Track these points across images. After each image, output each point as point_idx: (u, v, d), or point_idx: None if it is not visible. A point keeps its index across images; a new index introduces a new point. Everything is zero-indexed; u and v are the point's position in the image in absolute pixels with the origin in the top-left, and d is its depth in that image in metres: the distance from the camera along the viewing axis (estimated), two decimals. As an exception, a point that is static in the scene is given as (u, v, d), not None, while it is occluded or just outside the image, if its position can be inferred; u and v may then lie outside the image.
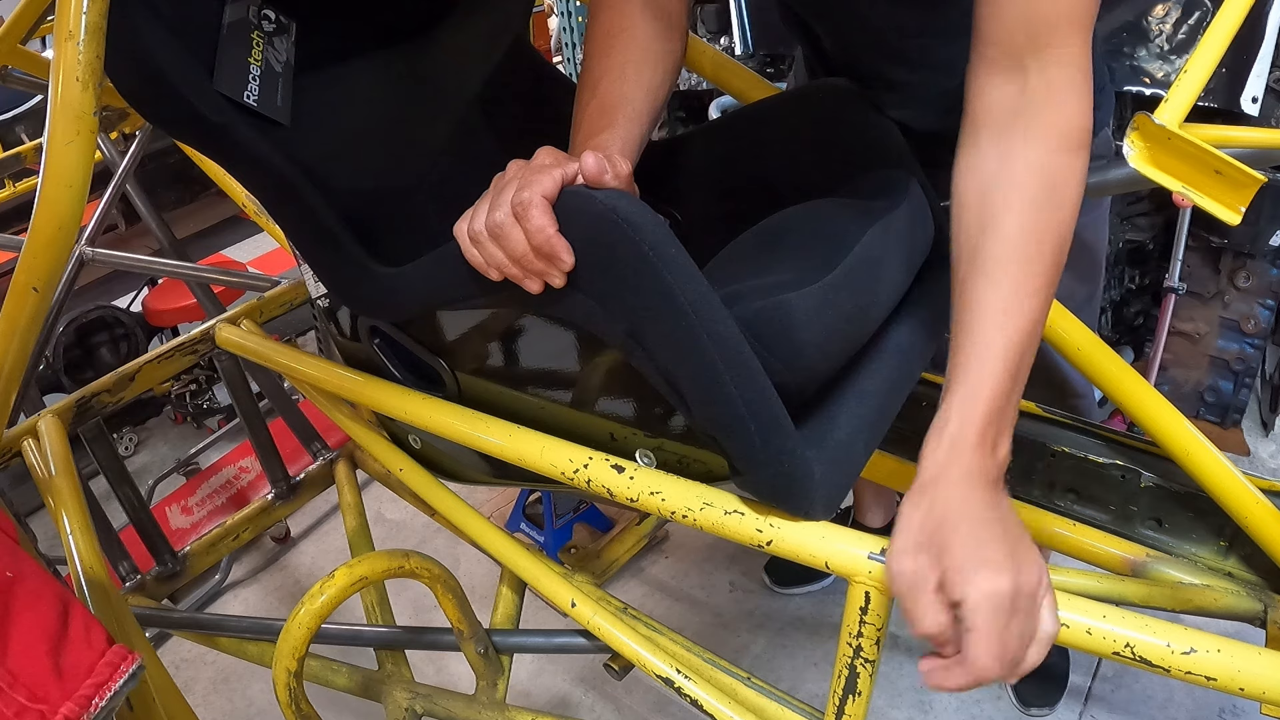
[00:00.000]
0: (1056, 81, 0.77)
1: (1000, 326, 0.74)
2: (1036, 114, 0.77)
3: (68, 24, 0.87)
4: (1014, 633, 0.65)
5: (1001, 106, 0.79)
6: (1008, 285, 0.75)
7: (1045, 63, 0.77)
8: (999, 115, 0.79)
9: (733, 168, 1.19)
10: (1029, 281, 0.75)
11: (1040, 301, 0.76)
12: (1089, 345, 1.09)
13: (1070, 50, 0.77)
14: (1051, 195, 0.76)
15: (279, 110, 1.09)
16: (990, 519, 0.68)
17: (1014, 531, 0.69)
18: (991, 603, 0.64)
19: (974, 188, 0.80)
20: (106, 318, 2.85)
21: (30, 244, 1.02)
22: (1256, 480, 1.07)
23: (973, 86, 0.82)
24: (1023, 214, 0.76)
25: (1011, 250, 0.76)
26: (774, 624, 1.95)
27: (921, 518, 0.70)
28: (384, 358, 1.14)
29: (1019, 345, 0.74)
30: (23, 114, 3.00)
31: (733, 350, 0.76)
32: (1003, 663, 0.64)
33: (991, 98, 0.80)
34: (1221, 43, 0.97)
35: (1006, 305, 0.75)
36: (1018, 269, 0.75)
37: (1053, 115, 0.77)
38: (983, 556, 0.65)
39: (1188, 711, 1.67)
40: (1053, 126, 0.77)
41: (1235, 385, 2.23)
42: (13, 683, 0.61)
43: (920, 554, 0.68)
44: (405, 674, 1.37)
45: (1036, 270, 0.75)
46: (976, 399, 0.73)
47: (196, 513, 2.37)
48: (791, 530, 0.81)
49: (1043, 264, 0.76)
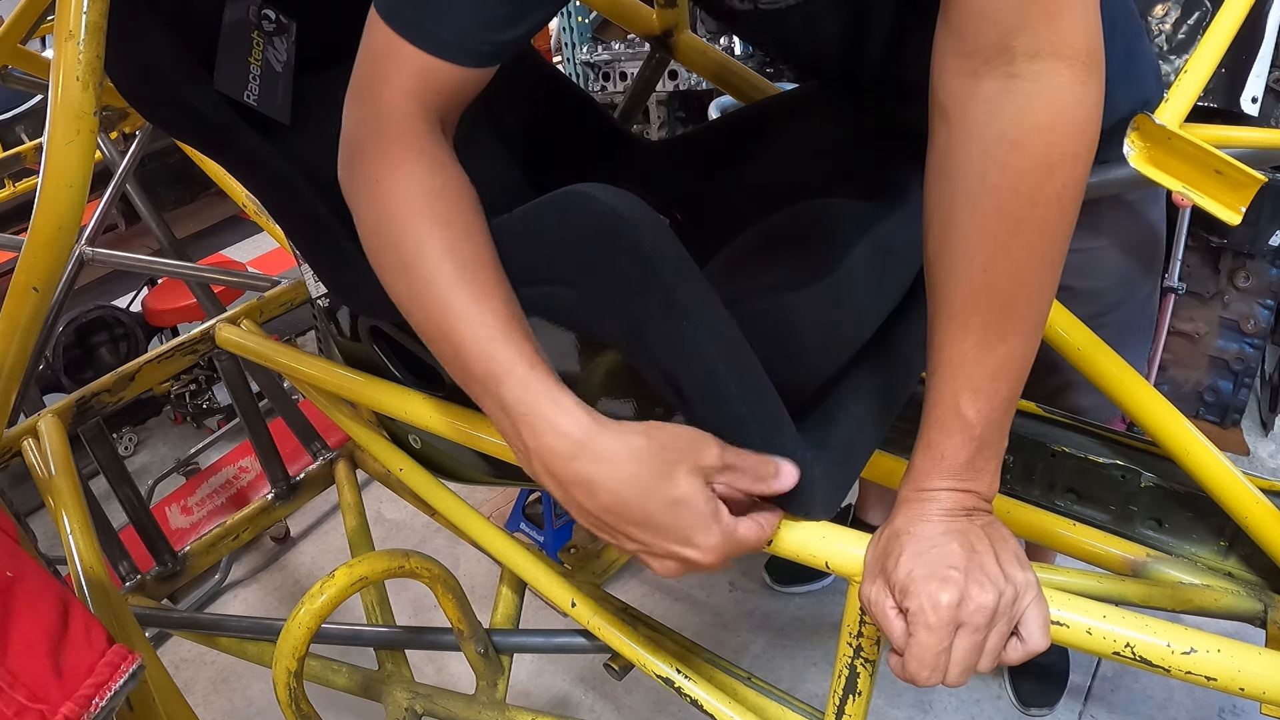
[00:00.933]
0: (1042, 75, 0.64)
1: (968, 383, 0.69)
2: (1019, 115, 0.64)
3: (68, 24, 0.87)
4: (964, 648, 0.66)
5: (977, 108, 0.66)
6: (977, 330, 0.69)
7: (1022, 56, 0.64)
8: (976, 118, 0.66)
9: (733, 168, 1.19)
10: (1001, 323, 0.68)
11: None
12: (1089, 345, 1.09)
13: (1054, 37, 0.63)
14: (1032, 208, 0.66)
15: (279, 110, 1.09)
16: (944, 544, 0.68)
17: (978, 548, 0.68)
18: (927, 616, 0.65)
19: (941, 206, 0.70)
20: (106, 318, 2.86)
21: (30, 244, 1.02)
22: (1256, 480, 1.07)
23: (945, 88, 0.68)
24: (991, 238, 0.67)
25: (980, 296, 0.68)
26: (774, 624, 1.95)
27: (875, 547, 0.73)
28: (384, 357, 1.14)
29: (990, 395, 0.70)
30: (23, 114, 3.01)
31: (733, 350, 0.75)
32: (934, 670, 0.66)
33: (966, 99, 0.67)
34: (1221, 43, 0.98)
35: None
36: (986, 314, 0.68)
37: (1034, 117, 0.64)
38: (925, 573, 0.67)
39: (1188, 711, 1.67)
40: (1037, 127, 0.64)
41: (1235, 385, 2.23)
42: (13, 682, 0.61)
43: (876, 579, 0.71)
44: (405, 674, 1.38)
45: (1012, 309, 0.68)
46: (935, 450, 0.72)
47: (196, 513, 2.37)
48: (791, 529, 0.81)
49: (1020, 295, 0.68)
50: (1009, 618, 0.67)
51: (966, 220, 0.67)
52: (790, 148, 1.13)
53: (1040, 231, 0.66)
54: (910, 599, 0.66)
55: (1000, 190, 0.65)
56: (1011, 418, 0.72)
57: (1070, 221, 0.67)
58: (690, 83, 2.82)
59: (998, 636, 0.67)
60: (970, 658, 0.66)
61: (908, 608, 0.67)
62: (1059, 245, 0.68)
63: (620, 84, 3.05)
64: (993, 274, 0.67)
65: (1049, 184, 0.65)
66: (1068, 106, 0.64)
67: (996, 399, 0.69)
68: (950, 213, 0.69)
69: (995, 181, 0.65)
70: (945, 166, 0.69)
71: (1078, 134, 0.65)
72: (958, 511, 0.71)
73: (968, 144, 0.67)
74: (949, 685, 0.68)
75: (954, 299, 0.69)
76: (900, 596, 0.68)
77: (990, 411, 0.69)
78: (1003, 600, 0.66)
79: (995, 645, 0.67)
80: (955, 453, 0.71)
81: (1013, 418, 0.73)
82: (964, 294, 0.68)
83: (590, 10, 3.09)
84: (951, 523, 0.70)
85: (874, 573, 0.72)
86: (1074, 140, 0.65)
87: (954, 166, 0.68)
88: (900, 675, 0.69)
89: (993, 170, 0.65)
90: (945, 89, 0.68)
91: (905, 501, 0.73)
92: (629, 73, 3.03)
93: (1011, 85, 0.64)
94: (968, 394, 0.69)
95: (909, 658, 0.67)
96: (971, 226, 0.67)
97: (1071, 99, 0.64)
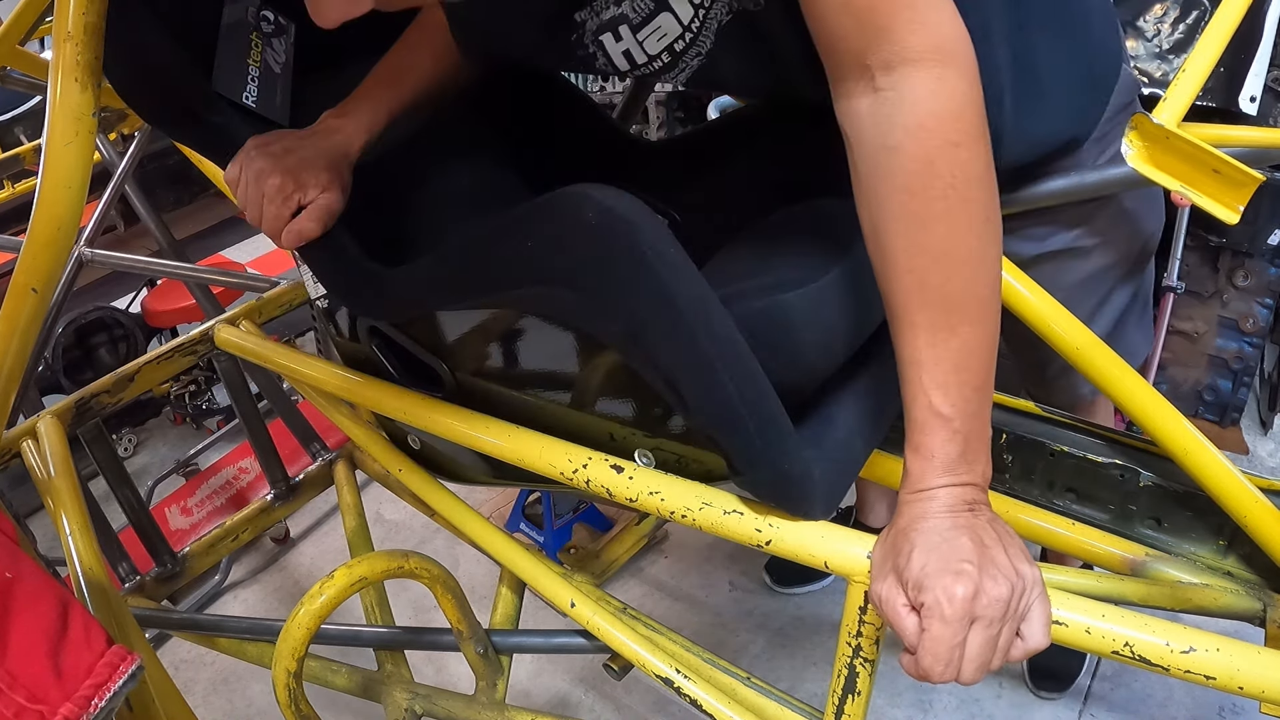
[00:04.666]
0: (900, 83, 0.69)
1: (932, 379, 0.71)
2: (892, 121, 0.69)
3: (66, 25, 0.87)
4: (978, 644, 0.66)
5: (860, 125, 0.72)
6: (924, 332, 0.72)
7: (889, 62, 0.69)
8: (861, 134, 0.73)
9: (731, 168, 1.19)
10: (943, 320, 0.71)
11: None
12: (1088, 345, 1.09)
13: (896, 47, 0.68)
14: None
15: (277, 111, 1.09)
16: (954, 539, 0.69)
17: (987, 542, 0.69)
18: (943, 609, 0.65)
19: (866, 220, 0.75)
20: (105, 319, 2.85)
21: (29, 245, 1.02)
22: (1255, 479, 1.07)
23: (837, 112, 0.75)
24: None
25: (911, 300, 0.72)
26: (773, 624, 1.95)
27: (882, 546, 0.74)
28: (383, 358, 1.14)
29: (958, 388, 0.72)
30: (21, 115, 3.00)
31: (731, 350, 0.76)
32: (948, 665, 0.66)
33: (851, 119, 0.73)
34: (1220, 42, 0.98)
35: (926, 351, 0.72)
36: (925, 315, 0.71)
37: (902, 120, 0.69)
38: (938, 567, 0.67)
39: (1187, 710, 1.67)
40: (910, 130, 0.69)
41: (1234, 384, 2.23)
42: (12, 683, 0.62)
43: (886, 577, 0.71)
44: (405, 674, 1.38)
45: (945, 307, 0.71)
46: (922, 448, 0.73)
47: (196, 514, 2.37)
48: (791, 530, 0.81)
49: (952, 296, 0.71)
50: (1018, 613, 0.67)
51: (881, 228, 0.72)
52: (788, 148, 1.13)
53: (948, 223, 0.70)
54: (925, 593, 0.66)
55: (896, 194, 0.70)
56: (989, 404, 0.74)
57: (982, 205, 0.71)
58: (689, 83, 2.82)
59: (1009, 632, 0.67)
60: (985, 652, 0.66)
61: (922, 602, 0.67)
62: (976, 230, 0.71)
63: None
64: (919, 272, 0.70)
65: (935, 178, 0.69)
66: (928, 101, 0.69)
67: (966, 389, 0.71)
68: (870, 224, 0.74)
69: (889, 187, 0.71)
70: (856, 183, 0.75)
71: (950, 123, 0.69)
72: (960, 507, 0.71)
73: (863, 159, 0.73)
74: (963, 682, 0.67)
75: (895, 303, 0.73)
76: (914, 592, 0.67)
77: (964, 403, 0.71)
78: (1014, 594, 0.67)
79: (1005, 642, 0.67)
80: (943, 449, 0.72)
81: (990, 403, 0.74)
82: (901, 296, 0.72)
83: (589, 11, 3.09)
84: (957, 518, 0.71)
85: (883, 571, 0.71)
86: (947, 130, 0.69)
87: (860, 182, 0.74)
88: (913, 673, 0.68)
89: (883, 178, 0.71)
90: (838, 113, 0.75)
91: (906, 503, 0.74)
92: (627, 73, 3.02)
93: (879, 98, 0.70)
94: (937, 391, 0.71)
95: (923, 652, 0.66)
96: (887, 233, 0.72)
97: (929, 95, 0.69)
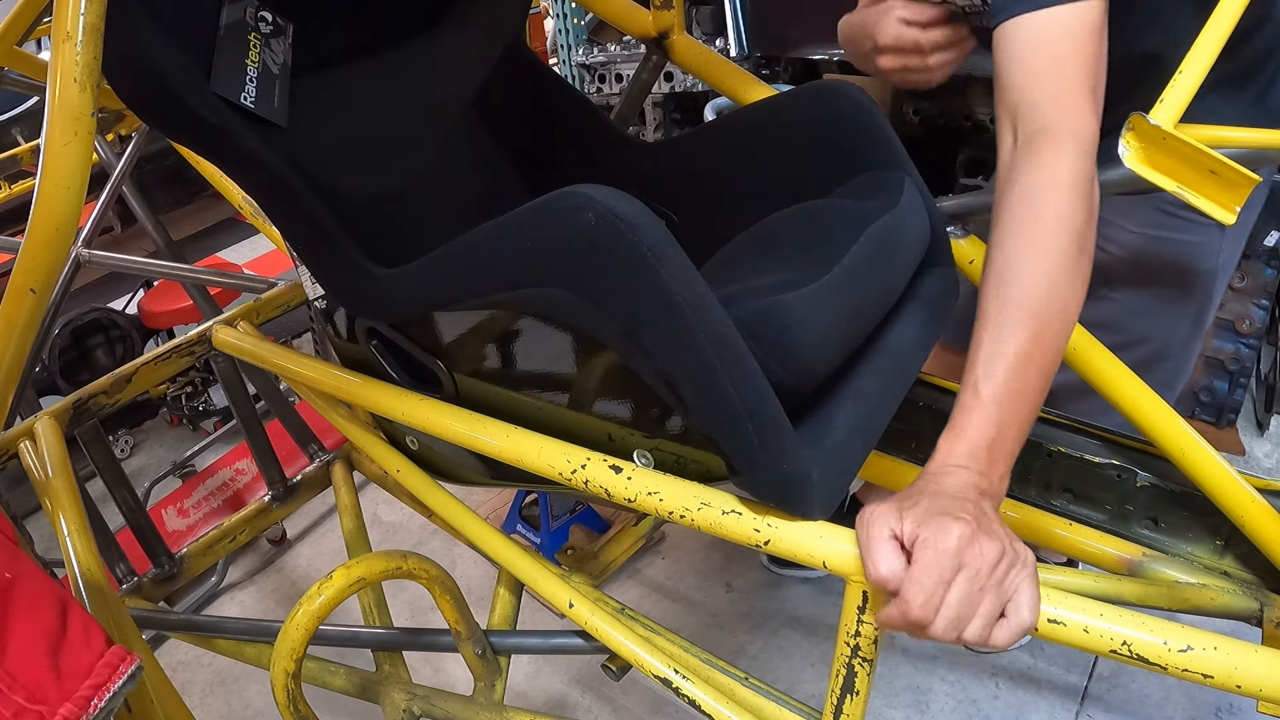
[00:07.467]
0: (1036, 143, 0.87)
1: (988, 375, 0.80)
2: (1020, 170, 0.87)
3: (65, 25, 0.86)
4: (961, 591, 0.68)
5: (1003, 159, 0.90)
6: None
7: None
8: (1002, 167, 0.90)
9: (729, 169, 1.19)
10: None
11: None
12: (1085, 345, 1.09)
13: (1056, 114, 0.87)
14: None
15: (276, 112, 1.09)
16: (961, 499, 0.73)
17: (988, 514, 0.73)
18: (937, 542, 0.68)
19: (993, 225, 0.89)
20: (102, 320, 2.85)
21: (27, 245, 1.02)
22: (1252, 479, 1.07)
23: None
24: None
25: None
26: (771, 624, 1.95)
27: (898, 496, 0.77)
28: (381, 359, 1.14)
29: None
30: (19, 116, 3.00)
31: (730, 350, 0.76)
32: (931, 609, 0.68)
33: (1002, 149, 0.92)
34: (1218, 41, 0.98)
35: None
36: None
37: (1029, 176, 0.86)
38: (940, 510, 0.70)
39: (1185, 710, 1.67)
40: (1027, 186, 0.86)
41: (1230, 385, 2.23)
42: (11, 684, 0.61)
43: (888, 505, 0.73)
44: (403, 675, 1.37)
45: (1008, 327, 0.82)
46: (961, 436, 0.79)
47: (193, 515, 2.36)
48: (789, 530, 0.81)
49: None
50: (1005, 585, 0.69)
51: (994, 238, 0.87)
52: (786, 148, 1.13)
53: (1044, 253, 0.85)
54: (923, 528, 0.69)
55: (1015, 210, 0.87)
56: (1027, 423, 0.80)
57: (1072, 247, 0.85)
58: (686, 84, 2.82)
59: (993, 600, 0.68)
60: (963, 606, 0.68)
61: (918, 535, 0.69)
62: (1067, 274, 0.84)
63: (616, 86, 3.05)
64: (1001, 274, 0.85)
65: (1040, 218, 0.85)
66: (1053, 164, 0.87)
67: (1011, 387, 0.79)
68: (992, 228, 0.88)
69: (1010, 213, 0.88)
70: (996, 193, 0.90)
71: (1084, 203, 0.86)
72: (969, 489, 0.75)
73: (1000, 181, 0.90)
74: (936, 635, 0.68)
75: (980, 299, 0.84)
76: (911, 526, 0.70)
77: (1005, 400, 0.79)
78: (1004, 559, 0.69)
79: (990, 610, 0.68)
80: (975, 431, 0.78)
81: (1028, 428, 0.81)
82: (986, 290, 0.85)
83: (586, 12, 3.09)
84: (966, 492, 0.74)
85: (888, 505, 0.74)
86: (1061, 187, 0.86)
87: (997, 194, 0.90)
88: (893, 615, 0.70)
89: (1008, 205, 0.88)
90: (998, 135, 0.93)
91: (924, 475, 0.78)
92: (625, 74, 3.03)
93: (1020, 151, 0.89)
94: (986, 380, 0.80)
95: (909, 582, 0.68)
96: (994, 239, 0.87)
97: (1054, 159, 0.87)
